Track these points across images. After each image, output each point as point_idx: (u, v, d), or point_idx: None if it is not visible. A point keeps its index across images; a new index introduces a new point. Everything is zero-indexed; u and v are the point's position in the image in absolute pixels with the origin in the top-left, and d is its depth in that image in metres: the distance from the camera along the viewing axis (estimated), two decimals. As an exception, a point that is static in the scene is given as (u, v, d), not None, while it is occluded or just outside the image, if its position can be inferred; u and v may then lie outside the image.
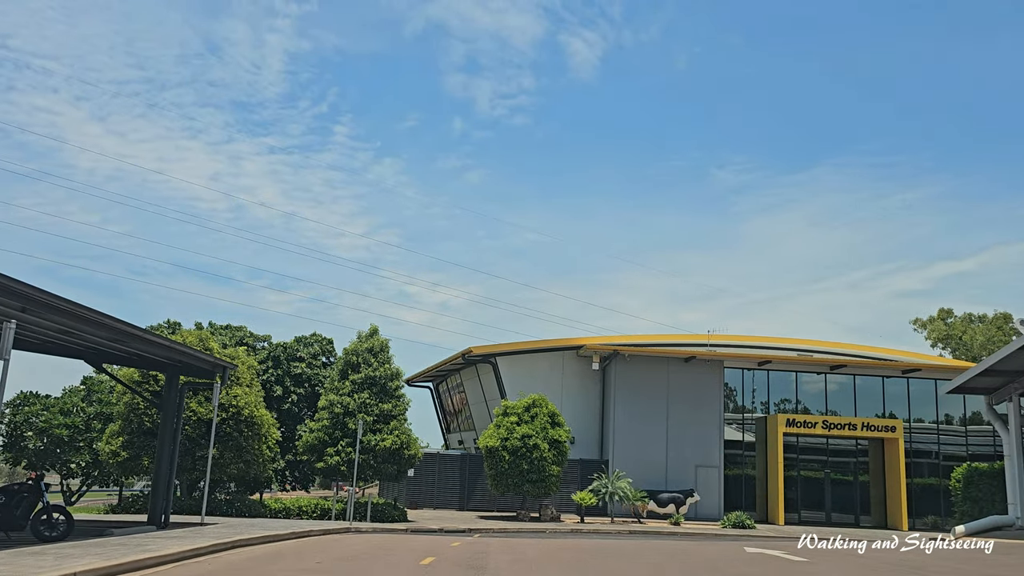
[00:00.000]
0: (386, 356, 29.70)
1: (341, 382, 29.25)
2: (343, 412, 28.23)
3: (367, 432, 27.84)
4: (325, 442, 28.05)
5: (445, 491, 36.12)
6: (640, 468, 34.92)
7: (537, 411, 32.31)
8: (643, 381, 37.32)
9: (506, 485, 31.27)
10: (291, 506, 25.78)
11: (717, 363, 37.93)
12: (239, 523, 20.48)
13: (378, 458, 27.74)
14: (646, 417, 36.97)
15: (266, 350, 39.70)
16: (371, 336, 30.14)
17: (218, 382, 18.27)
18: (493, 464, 31.49)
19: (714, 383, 37.73)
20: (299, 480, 41.05)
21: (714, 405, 37.50)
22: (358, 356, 29.39)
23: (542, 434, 31.55)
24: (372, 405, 28.39)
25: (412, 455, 28.50)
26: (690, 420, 37.14)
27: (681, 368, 37.71)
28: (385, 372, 29.02)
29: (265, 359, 38.83)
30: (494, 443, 31.35)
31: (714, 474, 36.96)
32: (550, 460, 31.33)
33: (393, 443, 27.69)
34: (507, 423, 31.91)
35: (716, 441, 37.21)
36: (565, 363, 38.94)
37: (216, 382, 17.96)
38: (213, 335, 38.05)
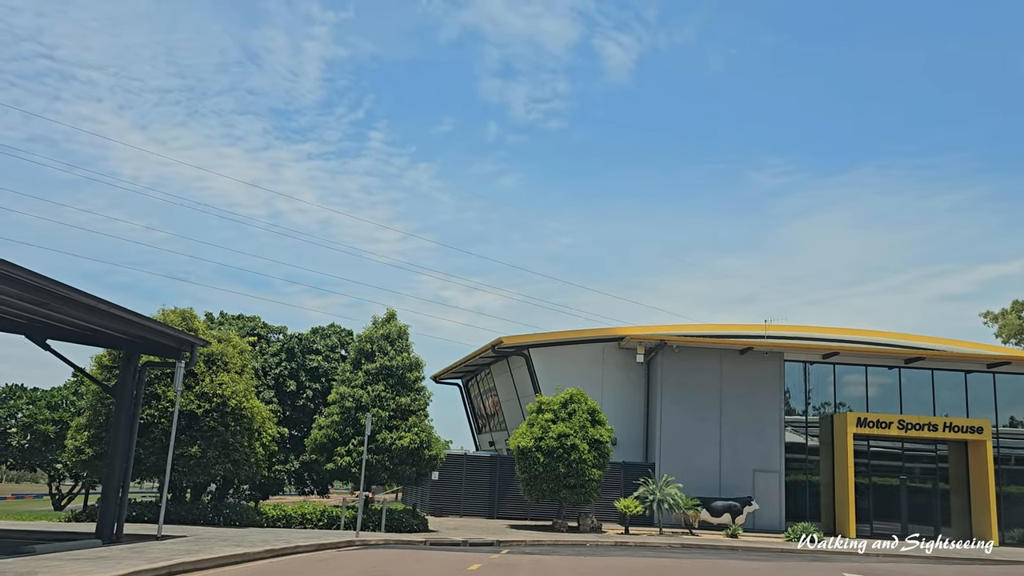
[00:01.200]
0: (404, 344, 26.20)
1: (354, 373, 25.81)
2: (355, 407, 24.79)
3: (381, 429, 24.34)
4: (335, 440, 24.62)
5: (472, 497, 32.52)
6: (690, 473, 31.01)
7: (575, 407, 28.59)
8: (693, 375, 33.39)
9: (540, 491, 27.56)
10: (293, 513, 22.39)
11: (776, 355, 33.86)
12: (214, 536, 17.03)
13: (394, 459, 24.23)
14: (697, 416, 33.04)
15: (280, 342, 36.40)
16: (388, 321, 26.67)
17: (185, 361, 14.80)
18: (526, 467, 27.82)
19: (773, 377, 33.67)
20: (317, 483, 37.70)
21: (774, 402, 33.43)
22: (372, 344, 25.93)
23: (581, 433, 27.82)
24: (388, 399, 24.90)
25: (433, 456, 24.95)
26: (746, 419, 33.13)
27: (736, 361, 33.70)
28: (403, 362, 25.52)
29: (278, 351, 35.46)
30: (527, 443, 27.69)
31: (774, 480, 32.89)
32: (590, 463, 27.58)
33: (411, 442, 24.17)
34: (541, 421, 28.23)
35: (776, 443, 33.14)
36: (606, 356, 35.14)
37: (182, 361, 14.46)
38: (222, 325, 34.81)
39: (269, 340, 37.48)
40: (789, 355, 34.14)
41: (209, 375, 19.91)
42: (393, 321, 26.85)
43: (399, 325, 26.76)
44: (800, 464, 34.23)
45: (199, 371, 19.94)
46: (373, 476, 24.55)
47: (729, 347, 33.65)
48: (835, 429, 33.20)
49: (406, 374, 25.73)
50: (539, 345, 34.59)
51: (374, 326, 26.71)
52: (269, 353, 35.74)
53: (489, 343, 34.35)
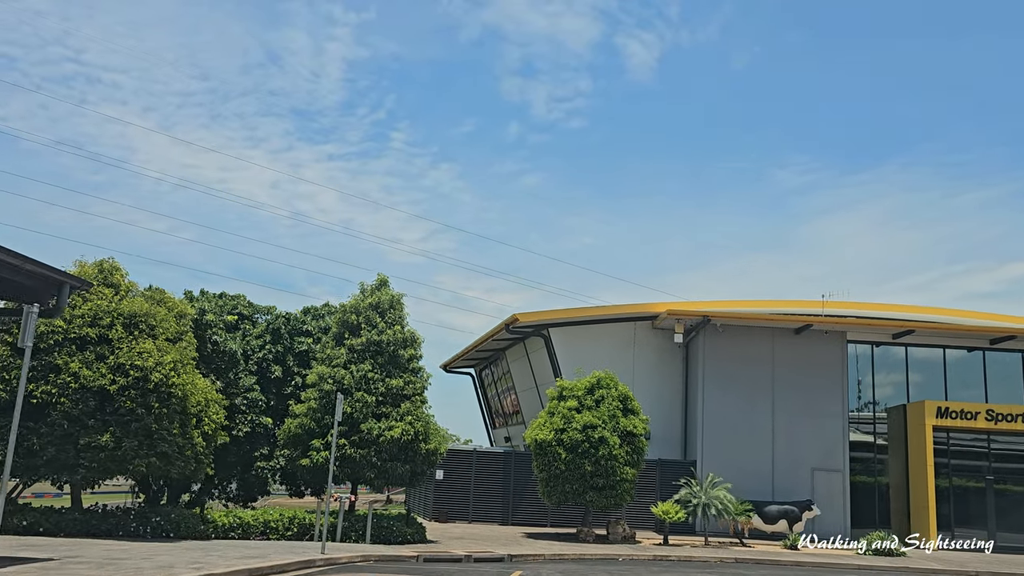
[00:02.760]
0: (397, 316, 21.85)
1: (335, 350, 21.47)
2: (336, 390, 20.41)
3: (367, 417, 19.99)
4: (311, 431, 20.36)
5: (483, 500, 28.12)
6: (737, 472, 26.47)
7: (604, 394, 24.14)
8: (741, 359, 28.82)
9: (562, 493, 23.15)
10: (252, 521, 18.18)
11: (839, 335, 29.19)
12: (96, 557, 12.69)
13: (382, 454, 19.91)
14: (745, 406, 28.47)
15: (266, 323, 32.02)
16: (378, 289, 22.31)
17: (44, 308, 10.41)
18: (545, 464, 23.41)
19: (834, 361, 29.02)
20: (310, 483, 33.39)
21: (835, 389, 28.78)
22: (358, 315, 21.61)
23: (611, 424, 23.38)
24: (376, 381, 20.57)
25: (432, 450, 20.60)
26: (803, 409, 28.52)
27: (791, 342, 29.08)
28: (394, 336, 21.17)
29: (263, 333, 31.02)
30: (546, 436, 23.29)
31: (837, 481, 28.24)
32: (622, 459, 23.14)
33: (404, 433, 19.83)
34: (563, 409, 23.80)
35: (838, 436, 28.50)
36: (637, 337, 30.60)
37: (34, 306, 9.96)
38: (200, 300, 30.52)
39: (254, 321, 33.07)
40: (853, 334, 29.46)
41: (128, 342, 15.61)
42: (385, 289, 22.51)
43: (392, 294, 22.42)
44: (864, 463, 29.53)
45: (115, 337, 15.65)
46: (356, 474, 20.22)
47: (783, 325, 28.98)
48: (909, 421, 28.43)
49: (399, 351, 21.37)
50: (560, 324, 30.12)
51: (361, 295, 22.38)
52: (253, 335, 31.31)
53: (502, 322, 29.94)
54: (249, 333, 31.03)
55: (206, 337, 25.82)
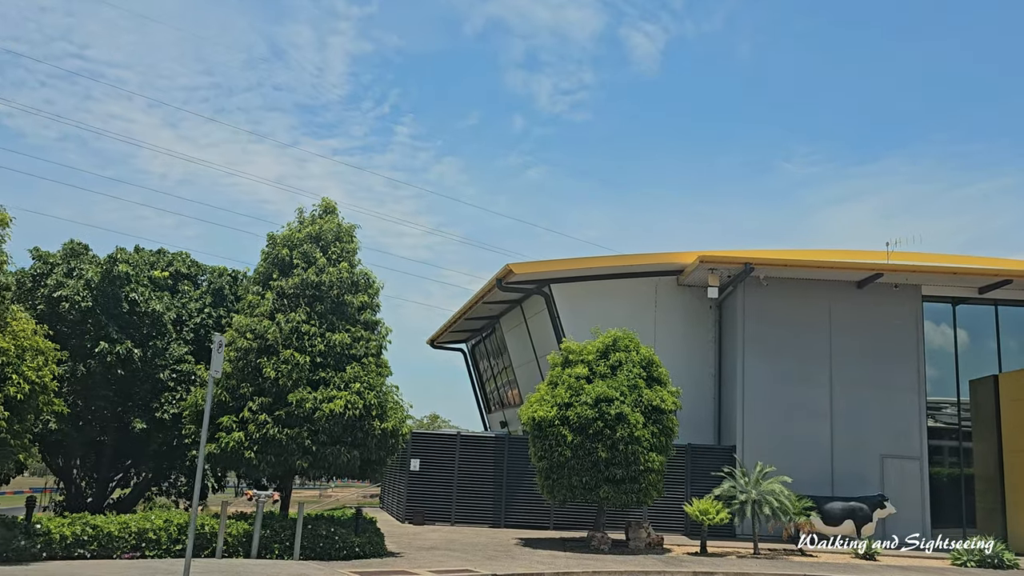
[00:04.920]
0: (345, 251, 16.38)
1: (259, 295, 16.00)
2: (259, 348, 14.94)
3: (299, 384, 14.53)
4: (223, 405, 14.85)
5: (470, 497, 22.69)
6: (787, 461, 21.02)
7: (622, 357, 18.76)
8: (790, 320, 23.40)
9: (568, 487, 17.83)
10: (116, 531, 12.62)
11: (912, 290, 23.71)
12: None
13: (319, 435, 14.41)
14: (796, 379, 23.09)
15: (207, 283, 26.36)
16: (322, 217, 16.77)
17: None
18: (546, 450, 18.06)
19: (908, 322, 23.57)
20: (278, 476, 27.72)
21: (909, 357, 23.36)
22: (292, 249, 16.11)
23: (631, 397, 18.01)
24: (312, 335, 15.12)
25: (388, 431, 15.20)
26: (869, 382, 23.13)
27: (852, 299, 23.62)
28: (339, 277, 15.68)
29: (202, 295, 25.33)
30: (547, 413, 17.93)
31: (912, 470, 22.82)
32: (646, 443, 17.80)
33: (349, 406, 14.40)
34: (569, 379, 18.44)
35: (914, 415, 23.09)
36: (660, 295, 25.11)
37: None
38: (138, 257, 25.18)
39: (196, 281, 27.37)
40: (930, 289, 23.87)
41: None
42: (331, 217, 17.01)
43: (339, 222, 16.94)
44: (942, 449, 24.06)
45: None
46: (281, 462, 14.73)
47: (843, 276, 23.44)
48: (1002, 395, 22.86)
49: (345, 297, 15.89)
50: (564, 279, 24.62)
51: (299, 224, 16.85)
52: (192, 297, 25.64)
53: (494, 276, 24.42)
54: (188, 295, 25.40)
55: (120, 296, 20.48)
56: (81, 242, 21.75)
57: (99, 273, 19.77)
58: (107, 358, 19.41)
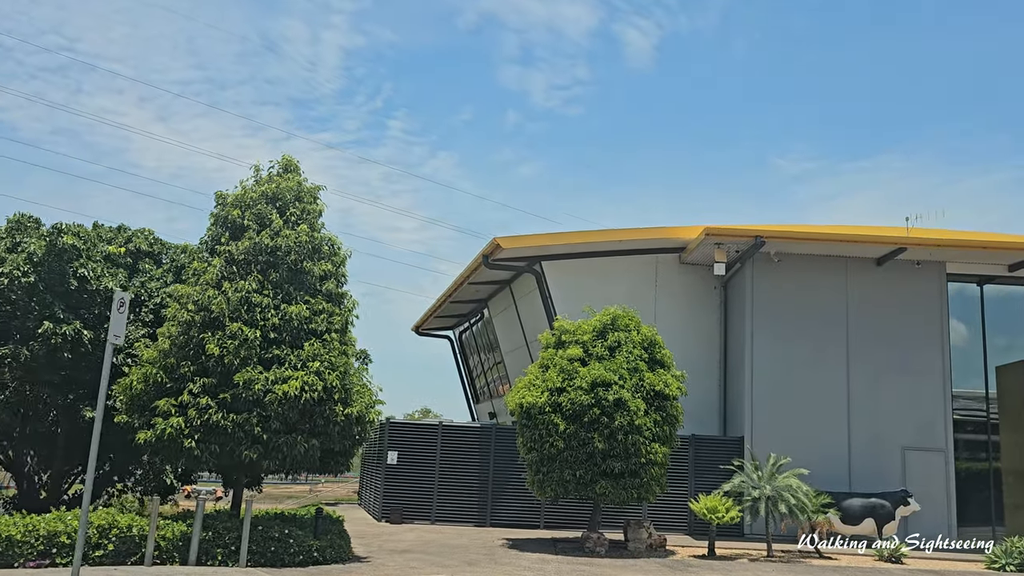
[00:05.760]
0: (305, 211, 14.35)
1: (208, 261, 13.98)
2: (202, 321, 12.92)
3: (247, 362, 12.52)
4: (160, 387, 12.84)
5: (453, 493, 20.73)
6: (800, 453, 19.05)
7: (621, 338, 16.82)
8: (804, 300, 21.50)
9: (560, 482, 15.93)
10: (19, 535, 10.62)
11: (936, 267, 21.85)
12: None
13: (270, 421, 12.39)
14: (810, 364, 21.19)
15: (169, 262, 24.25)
16: (281, 175, 14.72)
17: None
18: (535, 441, 16.11)
19: (931, 302, 21.71)
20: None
21: (933, 341, 21.48)
22: (244, 210, 14.07)
23: (632, 381, 16.08)
24: (264, 307, 13.08)
25: (353, 418, 13.21)
26: (890, 368, 21.28)
27: (871, 277, 21.75)
28: (298, 241, 13.64)
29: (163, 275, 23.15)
30: (536, 399, 16.00)
31: (937, 463, 20.97)
32: (648, 432, 15.87)
33: (306, 388, 12.38)
34: (562, 361, 16.48)
35: (939, 403, 21.26)
36: (660, 273, 23.17)
37: None
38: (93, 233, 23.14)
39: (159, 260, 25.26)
40: (955, 266, 21.98)
41: None
42: (292, 175, 14.96)
43: (300, 181, 14.89)
44: (967, 441, 22.19)
45: None
46: (227, 453, 12.73)
47: (861, 253, 21.55)
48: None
49: (304, 264, 13.88)
50: (557, 256, 22.65)
51: (255, 183, 14.80)
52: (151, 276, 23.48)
53: (480, 252, 22.42)
54: (149, 274, 23.23)
55: (67, 272, 18.46)
56: (31, 215, 19.67)
57: (43, 246, 17.75)
58: (52, 340, 17.39)
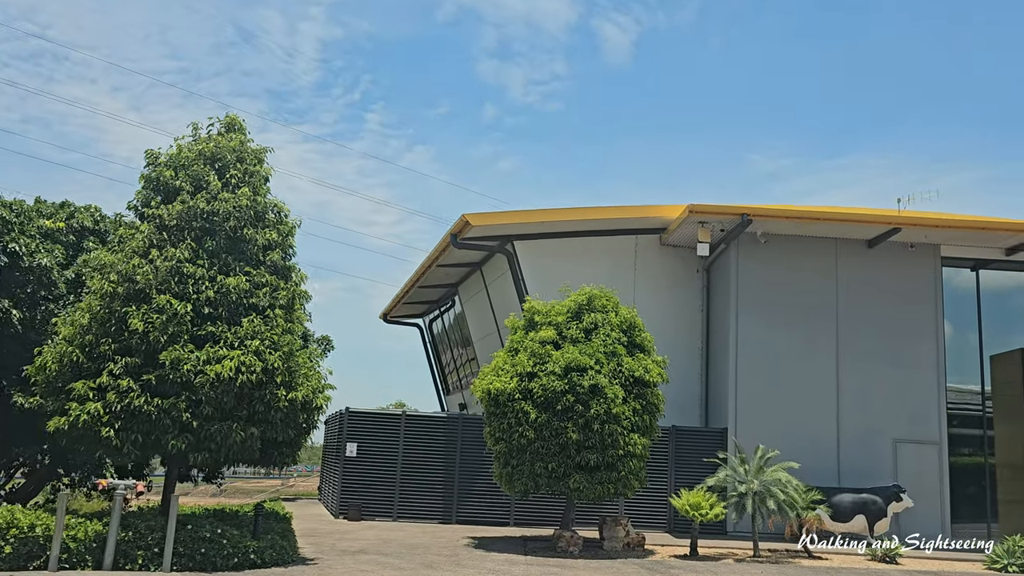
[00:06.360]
0: (248, 173, 12.90)
1: (136, 227, 12.49)
2: (126, 294, 11.41)
3: (175, 340, 11.02)
4: (77, 367, 11.30)
5: (416, 488, 19.35)
6: (786, 446, 17.86)
7: (598, 319, 15.50)
8: (791, 284, 20.33)
9: (531, 476, 14.64)
10: None
11: (930, 251, 20.76)
12: None
13: (202, 406, 10.90)
14: (797, 351, 20.04)
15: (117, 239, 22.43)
16: (223, 135, 13.20)
17: None
18: (503, 431, 14.79)
19: (924, 287, 20.62)
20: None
21: (926, 327, 20.39)
22: (179, 171, 12.53)
23: (609, 366, 14.77)
24: (198, 279, 11.60)
25: (298, 403, 11.76)
26: (880, 356, 20.19)
27: (861, 261, 20.62)
28: (237, 205, 12.17)
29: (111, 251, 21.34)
30: (504, 385, 14.65)
31: (930, 457, 19.88)
32: (627, 422, 14.60)
33: (243, 369, 10.90)
34: (533, 344, 15.11)
35: (932, 394, 20.20)
36: (639, 255, 21.90)
37: None
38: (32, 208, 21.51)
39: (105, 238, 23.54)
40: (950, 249, 20.88)
41: None
42: (236, 135, 13.44)
43: (243, 140, 13.37)
44: (961, 434, 21.12)
45: None
46: (152, 443, 11.25)
47: (853, 234, 20.37)
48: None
49: (244, 231, 12.41)
50: (530, 236, 21.31)
51: (193, 140, 13.28)
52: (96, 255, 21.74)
53: (448, 231, 21.00)
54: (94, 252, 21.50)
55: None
56: None
57: None
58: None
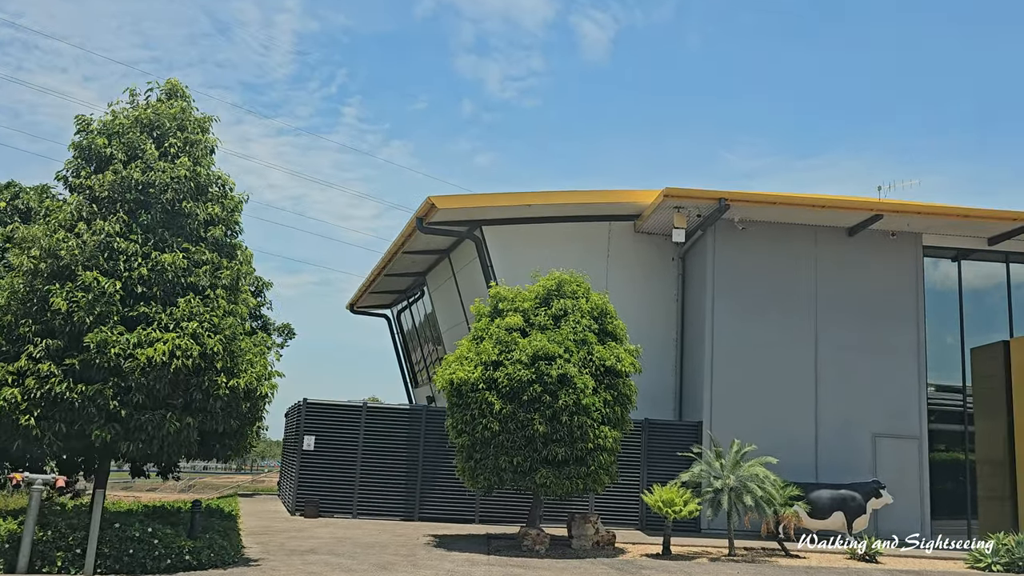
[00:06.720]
0: (189, 142, 11.90)
1: (64, 198, 11.49)
2: (50, 271, 10.40)
3: (103, 320, 10.02)
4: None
5: (377, 483, 18.44)
6: (763, 440, 17.10)
7: (567, 305, 14.68)
8: (768, 273, 19.69)
9: (495, 470, 13.85)
10: None
11: (911, 239, 20.18)
12: None
13: (132, 394, 9.91)
14: (775, 342, 19.39)
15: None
16: (164, 102, 12.19)
17: None
18: (466, 423, 13.97)
19: (906, 276, 20.05)
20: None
21: (907, 318, 19.83)
22: (112, 139, 11.51)
23: (579, 354, 13.97)
24: (132, 255, 10.61)
25: (240, 391, 10.81)
26: (860, 348, 19.57)
27: (842, 250, 20.00)
28: (175, 176, 11.16)
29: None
30: (468, 374, 13.81)
31: (911, 451, 19.31)
32: (597, 413, 13.81)
33: (178, 353, 9.91)
34: (499, 331, 14.24)
35: (913, 387, 19.63)
36: (612, 244, 21.13)
37: None
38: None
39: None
40: (932, 238, 20.31)
41: None
42: (177, 101, 12.42)
43: (185, 108, 12.36)
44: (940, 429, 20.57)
45: None
46: (76, 433, 10.28)
47: (834, 221, 19.73)
48: (1014, 364, 19.41)
49: (183, 204, 11.41)
50: (499, 221, 20.48)
51: (131, 107, 12.26)
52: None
53: (414, 215, 20.09)
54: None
55: None
56: None
57: None
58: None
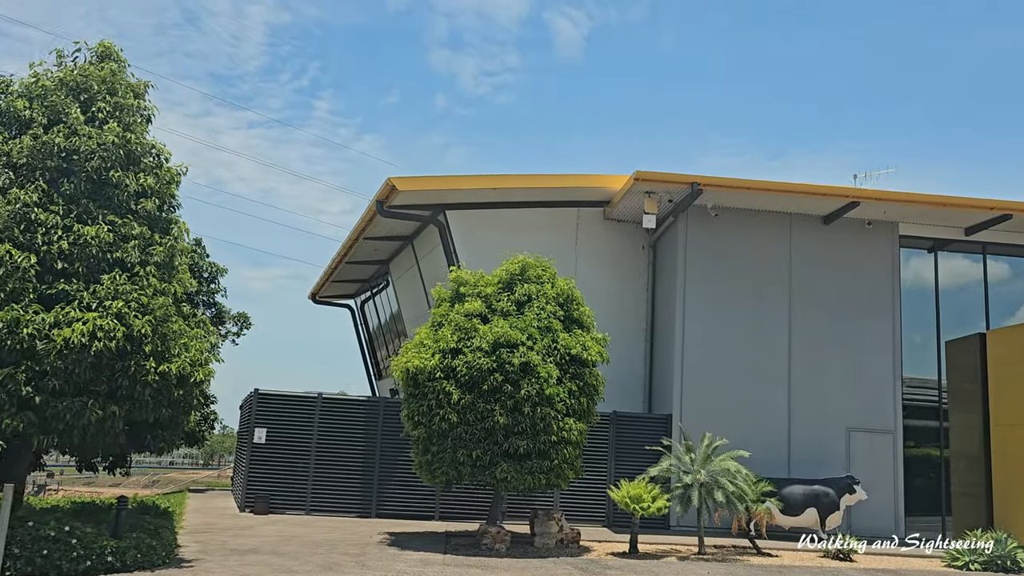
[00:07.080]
0: (119, 106, 10.91)
1: (-22, 167, 10.51)
2: (-40, 244, 9.47)
3: (17, 299, 9.06)
4: None
5: (332, 478, 17.55)
6: (734, 433, 16.43)
7: (531, 291, 13.91)
8: (741, 262, 19.08)
9: (453, 464, 13.08)
10: None
11: (887, 229, 19.66)
12: None
13: (48, 380, 8.94)
14: (746, 335, 18.80)
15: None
16: (94, 64, 11.19)
17: None
18: (423, 414, 13.15)
19: (881, 266, 19.55)
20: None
21: (883, 310, 19.33)
22: (34, 101, 10.50)
23: (543, 342, 13.20)
24: (52, 227, 9.61)
25: (171, 376, 9.80)
26: (834, 340, 19.03)
27: (816, 239, 19.42)
28: (102, 142, 10.19)
29: None
30: (424, 363, 12.94)
31: (885, 447, 18.83)
32: (561, 405, 13.05)
33: (100, 335, 8.94)
34: (459, 317, 13.41)
35: (888, 381, 19.14)
36: (581, 230, 20.40)
37: None
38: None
39: None
40: (909, 228, 19.79)
41: None
42: (108, 64, 11.43)
43: (116, 71, 11.38)
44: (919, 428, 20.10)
45: None
46: (-20, 422, 9.31)
47: (809, 209, 19.13)
48: (990, 358, 18.90)
49: (111, 174, 10.43)
50: (463, 206, 19.64)
51: (57, 68, 11.27)
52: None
53: (374, 197, 19.18)
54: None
55: None
56: None
57: None
58: None
